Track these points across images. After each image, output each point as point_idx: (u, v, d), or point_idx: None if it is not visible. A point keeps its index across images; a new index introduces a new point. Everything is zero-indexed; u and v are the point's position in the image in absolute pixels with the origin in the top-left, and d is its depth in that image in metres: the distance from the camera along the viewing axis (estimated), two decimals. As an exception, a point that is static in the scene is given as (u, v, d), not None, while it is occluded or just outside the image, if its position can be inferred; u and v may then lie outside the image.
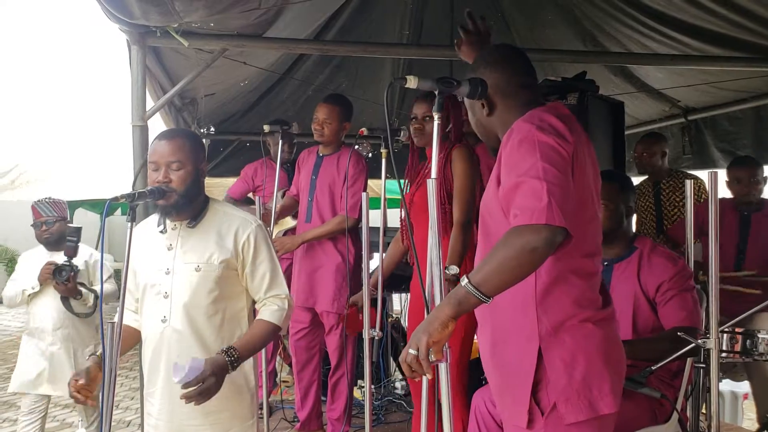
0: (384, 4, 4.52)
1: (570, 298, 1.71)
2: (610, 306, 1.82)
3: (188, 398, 2.04)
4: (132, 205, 2.13)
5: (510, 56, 1.89)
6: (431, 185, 1.64)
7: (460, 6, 4.49)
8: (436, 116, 1.69)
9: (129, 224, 2.15)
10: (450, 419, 1.63)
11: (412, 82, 1.63)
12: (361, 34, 4.59)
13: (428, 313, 1.76)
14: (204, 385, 2.05)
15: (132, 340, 2.42)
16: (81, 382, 2.14)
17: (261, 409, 3.32)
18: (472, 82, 1.69)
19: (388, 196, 5.67)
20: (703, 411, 3.13)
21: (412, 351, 1.54)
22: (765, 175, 3.95)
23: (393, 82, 1.67)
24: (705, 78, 4.61)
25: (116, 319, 2.07)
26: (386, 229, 4.30)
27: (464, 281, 1.55)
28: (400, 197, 3.34)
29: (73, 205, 10.45)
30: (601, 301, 1.80)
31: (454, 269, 2.63)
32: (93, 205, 10.68)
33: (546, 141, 1.61)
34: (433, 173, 1.70)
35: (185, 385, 2.03)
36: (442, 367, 1.64)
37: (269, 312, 2.31)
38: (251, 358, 2.38)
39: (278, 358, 4.94)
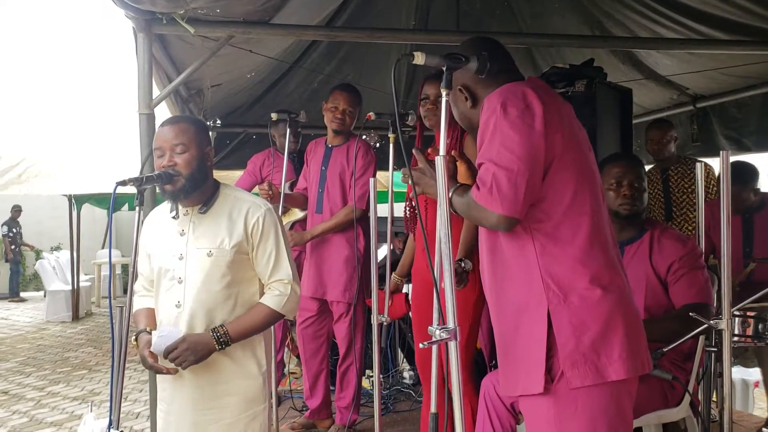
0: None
1: (573, 258, 1.72)
2: (622, 274, 1.82)
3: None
4: (140, 189, 2.14)
5: (484, 47, 1.90)
6: (440, 162, 1.62)
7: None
8: (444, 93, 1.68)
9: (137, 209, 2.15)
10: (459, 397, 1.61)
11: (419, 59, 1.62)
12: (368, 25, 4.57)
13: (437, 293, 1.75)
14: (175, 353, 2.15)
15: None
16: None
17: (270, 397, 3.32)
18: (480, 58, 1.68)
19: (395, 190, 5.65)
20: (714, 399, 3.11)
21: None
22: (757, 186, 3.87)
23: (400, 59, 1.66)
24: (714, 65, 4.58)
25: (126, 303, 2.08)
26: (394, 219, 4.29)
27: (451, 192, 1.77)
28: (406, 190, 3.35)
29: (80, 200, 10.50)
30: (613, 265, 1.79)
31: (468, 264, 2.62)
32: (99, 200, 10.72)
33: (507, 122, 1.67)
34: (441, 150, 1.68)
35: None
36: (452, 346, 1.62)
37: (270, 296, 2.32)
38: (263, 343, 2.39)
39: (286, 349, 4.94)
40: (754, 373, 4.50)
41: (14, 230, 12.95)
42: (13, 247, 12.80)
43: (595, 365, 1.68)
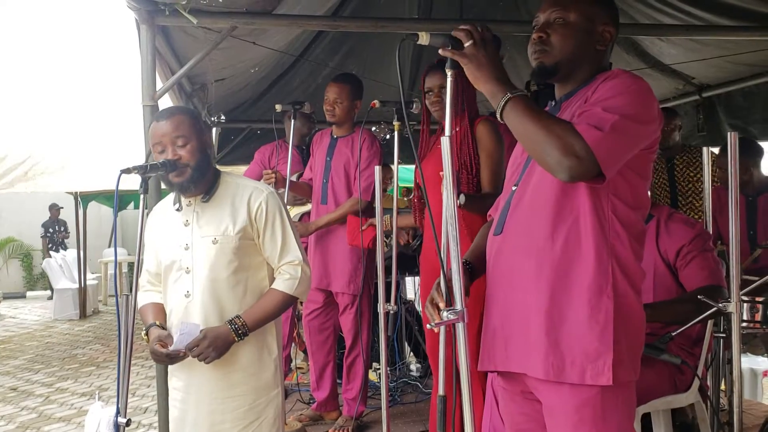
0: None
1: (632, 249, 1.67)
2: None
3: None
4: (144, 177, 2.13)
5: None
6: (446, 143, 1.61)
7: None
8: (449, 73, 1.66)
9: (141, 197, 2.14)
10: (468, 378, 1.60)
11: (424, 38, 1.59)
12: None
13: (444, 275, 1.72)
14: (197, 350, 2.16)
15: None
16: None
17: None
18: (485, 38, 1.65)
19: (400, 185, 5.65)
20: (722, 388, 3.10)
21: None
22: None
23: (404, 39, 1.63)
24: (719, 53, 4.54)
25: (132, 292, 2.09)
26: (399, 210, 4.29)
27: (508, 96, 1.56)
28: (412, 185, 3.37)
29: (86, 198, 10.52)
30: None
31: (462, 198, 2.63)
32: (107, 198, 10.74)
33: (645, 95, 1.63)
34: (447, 131, 1.67)
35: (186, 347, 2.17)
36: (459, 327, 1.61)
37: (281, 281, 2.32)
38: (274, 330, 2.39)
39: (293, 344, 4.93)
40: (763, 362, 4.48)
41: (50, 230, 12.93)
42: (50, 245, 12.77)
43: (633, 362, 1.65)
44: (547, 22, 1.73)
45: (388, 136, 3.76)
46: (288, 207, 3.87)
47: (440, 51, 1.63)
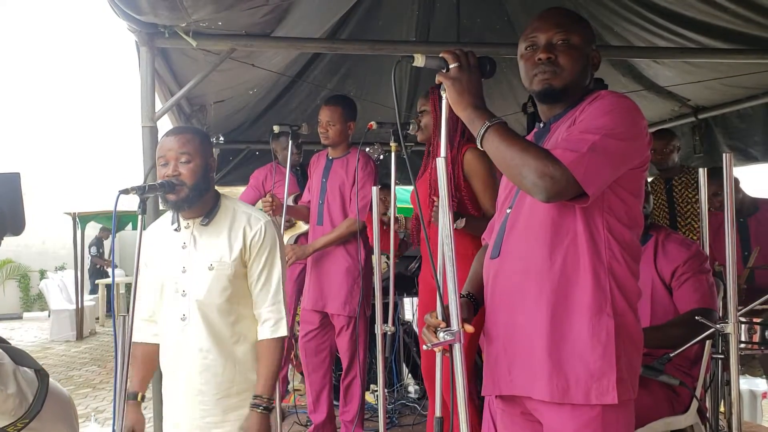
0: (391, 9, 4.54)
1: (633, 275, 1.68)
2: None
3: None
4: (142, 198, 2.13)
5: None
6: (441, 164, 1.62)
7: (467, 10, 4.51)
8: (444, 95, 1.67)
9: (139, 217, 2.15)
10: (465, 401, 1.60)
11: (419, 60, 1.61)
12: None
13: (440, 296, 1.72)
14: None
15: (156, 361, 2.44)
16: None
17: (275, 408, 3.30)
18: (481, 61, 1.67)
19: (397, 205, 5.65)
20: (721, 410, 3.08)
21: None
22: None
23: (400, 60, 1.64)
24: (714, 75, 4.58)
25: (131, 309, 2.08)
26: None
27: (487, 125, 1.62)
28: (408, 205, 3.37)
29: (84, 219, 10.52)
30: None
31: (460, 222, 2.71)
32: (106, 218, 10.75)
33: (632, 115, 1.64)
34: (442, 152, 1.67)
35: None
36: (456, 348, 1.61)
37: (268, 329, 2.31)
38: None
39: (290, 365, 4.91)
40: (762, 384, 4.46)
41: (100, 249, 12.95)
42: (98, 266, 12.76)
43: (633, 381, 1.65)
44: (550, 44, 1.73)
45: (381, 157, 3.78)
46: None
47: (437, 76, 1.66)
